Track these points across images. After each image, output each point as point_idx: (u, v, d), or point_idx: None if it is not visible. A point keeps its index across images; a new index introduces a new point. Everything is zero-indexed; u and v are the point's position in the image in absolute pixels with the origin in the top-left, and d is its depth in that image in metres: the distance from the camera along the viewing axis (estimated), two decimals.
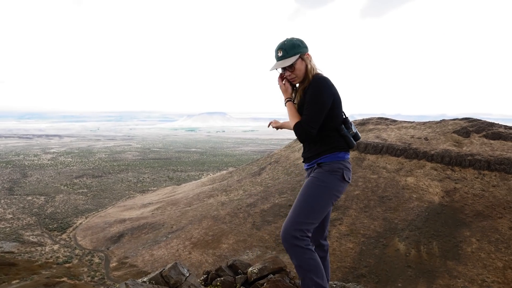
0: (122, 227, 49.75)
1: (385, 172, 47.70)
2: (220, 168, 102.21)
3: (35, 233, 49.68)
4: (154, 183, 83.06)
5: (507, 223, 34.95)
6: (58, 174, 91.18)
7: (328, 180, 3.82)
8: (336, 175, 3.86)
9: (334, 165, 3.88)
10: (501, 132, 48.78)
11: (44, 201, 65.76)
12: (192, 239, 42.60)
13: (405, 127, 58.64)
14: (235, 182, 61.87)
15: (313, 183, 3.79)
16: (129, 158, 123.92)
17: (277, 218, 43.84)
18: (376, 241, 36.42)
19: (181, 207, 55.21)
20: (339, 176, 3.86)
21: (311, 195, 3.75)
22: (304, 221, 3.68)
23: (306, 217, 3.69)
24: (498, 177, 41.65)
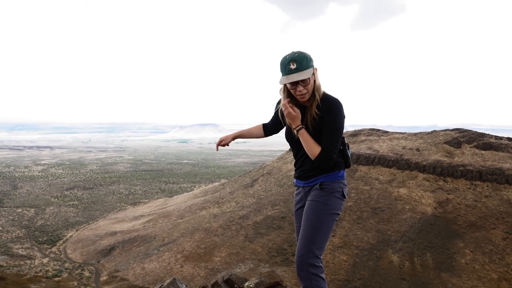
0: (113, 240, 49.15)
1: (378, 183, 47.67)
2: (212, 179, 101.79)
3: (25, 246, 48.93)
4: (145, 195, 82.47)
5: (500, 234, 34.94)
6: (49, 186, 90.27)
7: (332, 202, 3.80)
8: (337, 194, 3.85)
9: (335, 185, 3.85)
10: (492, 142, 49.03)
11: (34, 213, 64.93)
12: (184, 252, 42.14)
13: (396, 138, 58.81)
14: (227, 194, 61.56)
15: (320, 209, 3.75)
16: (121, 170, 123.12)
17: (270, 230, 43.54)
18: (370, 253, 36.22)
19: (173, 219, 54.74)
20: (339, 195, 3.85)
21: (321, 220, 3.72)
22: (318, 247, 3.65)
23: (320, 242, 3.66)
24: (490, 187, 41.76)
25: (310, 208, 3.80)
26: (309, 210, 3.80)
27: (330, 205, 3.79)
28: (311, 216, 3.75)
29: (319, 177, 3.85)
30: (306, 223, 3.75)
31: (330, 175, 3.84)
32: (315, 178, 3.87)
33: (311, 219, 3.74)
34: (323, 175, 3.84)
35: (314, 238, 3.66)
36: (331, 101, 3.64)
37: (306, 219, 3.76)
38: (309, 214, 3.78)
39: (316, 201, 3.80)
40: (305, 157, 3.87)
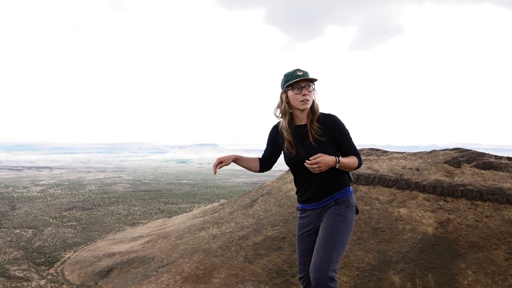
0: (111, 261, 48.67)
1: (378, 203, 47.46)
2: (212, 200, 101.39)
3: (22, 267, 48.43)
4: (144, 216, 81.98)
5: (502, 254, 34.64)
6: (47, 206, 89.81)
7: (349, 215, 3.94)
8: (353, 209, 4.02)
9: (350, 200, 4.03)
10: (492, 162, 48.99)
11: (32, 234, 64.43)
12: (183, 273, 41.69)
13: (396, 157, 58.78)
14: (226, 214, 61.22)
15: (339, 221, 3.86)
16: (120, 190, 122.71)
17: (270, 251, 43.16)
18: (371, 274, 35.84)
19: (172, 240, 54.31)
20: (354, 210, 4.05)
21: (341, 233, 3.80)
22: (336, 260, 3.67)
23: (338, 255, 3.69)
24: (491, 207, 41.56)
25: (329, 221, 3.86)
26: (328, 223, 3.85)
27: (348, 218, 3.92)
28: (331, 228, 3.80)
29: (333, 195, 3.97)
30: (324, 236, 3.77)
31: (342, 191, 4.01)
32: (328, 197, 3.98)
33: (332, 230, 3.79)
34: (336, 192, 3.97)
35: (335, 250, 3.67)
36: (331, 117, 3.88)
37: (326, 231, 3.80)
38: (329, 226, 3.82)
39: (335, 214, 3.88)
40: (311, 179, 3.93)
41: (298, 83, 3.76)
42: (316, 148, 3.81)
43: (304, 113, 3.89)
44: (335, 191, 3.96)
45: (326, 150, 3.80)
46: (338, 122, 3.85)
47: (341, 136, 3.85)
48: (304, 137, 3.88)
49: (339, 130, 3.84)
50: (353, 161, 3.88)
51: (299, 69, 3.79)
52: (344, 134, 3.85)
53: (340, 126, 3.83)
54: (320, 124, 3.83)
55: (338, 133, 3.84)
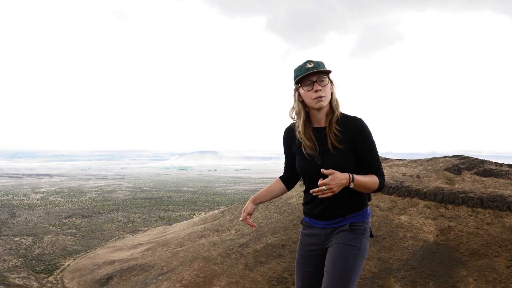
0: (111, 269, 48.50)
1: (378, 210, 47.37)
2: (212, 207, 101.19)
3: (21, 275, 48.24)
4: (144, 223, 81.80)
5: (504, 262, 34.52)
6: (47, 214, 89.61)
7: (364, 245, 3.25)
8: (367, 236, 3.31)
9: (366, 225, 3.32)
10: (492, 169, 48.98)
11: (31, 242, 64.25)
12: (183, 281, 41.53)
13: (396, 164, 58.77)
14: (227, 221, 61.09)
15: (353, 254, 3.16)
16: (120, 198, 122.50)
17: (270, 258, 43.02)
18: (372, 282, 35.71)
19: (172, 247, 54.15)
20: (368, 236, 3.33)
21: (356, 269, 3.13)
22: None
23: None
24: (492, 214, 41.49)
25: (342, 254, 3.18)
26: (340, 256, 3.17)
27: (362, 249, 3.23)
28: (344, 263, 3.13)
29: (348, 217, 3.27)
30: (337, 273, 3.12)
31: (359, 214, 3.29)
32: (342, 218, 3.28)
33: (344, 268, 3.12)
34: (352, 214, 3.27)
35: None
36: (356, 120, 3.21)
37: (338, 267, 3.14)
38: (341, 261, 3.15)
39: (349, 246, 3.19)
40: None
41: (308, 78, 3.11)
42: (333, 157, 3.15)
43: (323, 113, 3.22)
44: (352, 212, 3.27)
45: (345, 160, 3.16)
46: (364, 128, 3.17)
47: (365, 146, 3.17)
48: (322, 142, 3.20)
49: (363, 138, 3.16)
50: (373, 181, 3.16)
51: (310, 60, 3.14)
52: (369, 144, 3.17)
53: (365, 133, 3.16)
54: (341, 127, 3.16)
55: (362, 141, 3.16)
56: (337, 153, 3.14)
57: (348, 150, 3.15)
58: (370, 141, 3.17)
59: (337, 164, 3.12)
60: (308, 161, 3.26)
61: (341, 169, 3.08)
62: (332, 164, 3.11)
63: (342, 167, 3.11)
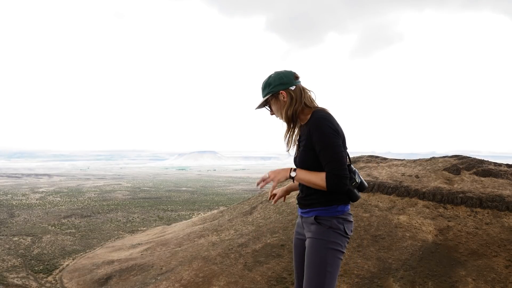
0: (110, 269, 48.49)
1: (377, 210, 47.41)
2: (211, 207, 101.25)
3: (20, 275, 48.20)
4: (143, 223, 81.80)
5: (502, 261, 34.57)
6: (46, 214, 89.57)
7: (333, 238, 3.38)
8: (338, 231, 3.42)
9: (333, 221, 3.43)
10: (491, 169, 49.04)
11: (30, 241, 64.21)
12: (182, 281, 41.54)
13: (395, 164, 58.82)
14: (226, 221, 61.10)
15: (323, 247, 3.34)
16: (119, 198, 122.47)
17: (269, 258, 43.03)
18: (371, 282, 35.73)
19: (171, 247, 54.15)
20: (341, 232, 3.43)
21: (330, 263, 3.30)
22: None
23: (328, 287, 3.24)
24: (491, 214, 41.54)
25: (312, 249, 3.39)
26: (312, 252, 3.38)
27: (333, 241, 3.37)
28: (315, 259, 3.33)
29: (314, 209, 3.47)
30: (311, 269, 3.32)
31: (327, 208, 3.43)
32: (310, 209, 3.51)
33: (316, 262, 3.31)
34: (319, 207, 3.45)
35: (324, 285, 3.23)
36: (313, 118, 3.38)
37: (311, 263, 3.34)
38: (313, 256, 3.35)
39: (317, 239, 3.39)
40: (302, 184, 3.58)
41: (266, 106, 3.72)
42: (300, 154, 3.51)
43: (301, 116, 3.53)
44: (318, 206, 3.45)
45: (304, 157, 3.42)
46: (317, 124, 3.31)
47: (317, 144, 3.30)
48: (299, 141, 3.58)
49: (315, 137, 3.31)
50: (318, 178, 3.28)
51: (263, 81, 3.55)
52: (320, 142, 3.28)
53: (318, 132, 3.29)
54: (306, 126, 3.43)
55: (315, 140, 3.31)
56: (301, 151, 3.50)
57: (307, 147, 3.42)
58: (322, 139, 3.28)
59: (299, 160, 3.51)
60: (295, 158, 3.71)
61: (302, 165, 3.46)
62: (298, 160, 3.55)
63: (302, 163, 3.46)
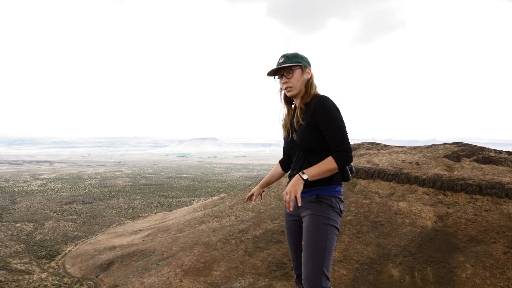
0: (112, 255, 48.89)
1: (377, 197, 47.61)
2: (212, 194, 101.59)
3: (23, 261, 48.65)
4: (145, 209, 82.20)
5: (501, 248, 34.82)
6: (48, 200, 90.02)
7: (332, 216, 3.58)
8: (336, 210, 3.62)
9: (332, 199, 3.62)
10: (492, 156, 49.09)
11: (33, 228, 64.65)
12: (183, 266, 41.91)
13: (396, 151, 58.87)
14: (226, 208, 61.39)
15: (323, 224, 3.53)
16: (120, 184, 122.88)
17: (270, 244, 43.36)
18: (370, 267, 36.04)
19: (172, 233, 54.51)
20: (338, 211, 3.64)
21: (329, 237, 3.51)
22: (328, 267, 3.47)
23: (329, 261, 3.48)
24: (490, 201, 41.70)
25: (312, 225, 3.55)
26: (312, 228, 3.54)
27: (331, 219, 3.55)
28: (316, 234, 3.50)
29: (315, 189, 3.61)
30: (311, 244, 3.49)
31: (327, 188, 3.62)
32: (310, 189, 3.61)
33: (316, 237, 3.48)
34: (319, 187, 3.60)
35: (324, 258, 3.44)
36: (318, 98, 3.58)
37: (311, 239, 3.50)
38: (313, 232, 3.52)
39: (317, 216, 3.55)
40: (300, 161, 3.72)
41: (279, 71, 3.69)
42: (300, 133, 3.63)
43: (299, 98, 3.72)
44: (318, 185, 3.59)
45: (308, 135, 3.57)
46: (322, 104, 3.51)
47: (323, 121, 3.49)
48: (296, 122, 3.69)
49: (321, 114, 3.49)
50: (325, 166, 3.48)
51: (284, 54, 3.69)
52: (326, 118, 3.48)
53: (324, 110, 3.49)
54: (307, 107, 3.60)
55: (321, 118, 3.49)
56: (303, 129, 3.61)
57: (310, 125, 3.57)
58: (329, 117, 3.48)
59: (301, 139, 3.63)
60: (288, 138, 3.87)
61: (303, 142, 3.62)
62: (299, 140, 3.66)
63: (305, 141, 3.61)
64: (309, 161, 3.64)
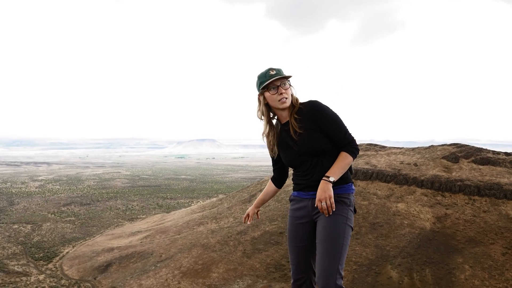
0: (110, 256, 48.78)
1: (376, 198, 47.59)
2: (210, 195, 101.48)
3: (21, 262, 48.49)
4: (143, 211, 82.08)
5: (499, 249, 34.82)
6: (46, 202, 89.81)
7: (350, 216, 3.61)
8: (352, 209, 3.66)
9: (351, 198, 3.67)
10: (490, 157, 49.12)
11: (30, 229, 64.47)
12: (182, 268, 41.83)
13: (394, 153, 58.87)
14: (225, 209, 61.33)
15: (342, 223, 3.53)
16: (118, 186, 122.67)
17: (268, 246, 43.29)
18: (368, 269, 36.00)
19: (170, 235, 54.42)
20: (353, 210, 3.69)
21: (346, 236, 3.51)
22: (342, 264, 3.43)
23: (343, 259, 3.45)
24: (489, 202, 41.73)
25: (332, 223, 3.50)
26: (331, 226, 3.50)
27: (349, 218, 3.58)
28: (334, 233, 3.47)
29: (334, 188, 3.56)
30: (329, 241, 3.45)
31: (344, 186, 3.65)
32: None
33: (335, 235, 3.46)
34: (337, 186, 3.59)
35: (340, 257, 3.41)
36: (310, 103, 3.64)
37: (329, 237, 3.46)
38: (332, 230, 3.48)
39: (337, 215, 3.51)
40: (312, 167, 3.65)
41: (273, 83, 3.59)
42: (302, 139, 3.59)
43: (286, 111, 3.69)
44: (337, 184, 3.57)
45: (312, 139, 3.55)
46: (318, 107, 3.57)
47: (324, 121, 3.54)
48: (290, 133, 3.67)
49: (320, 116, 3.54)
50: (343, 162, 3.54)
51: (272, 68, 3.62)
52: (326, 118, 3.54)
53: (320, 111, 3.56)
54: (301, 115, 3.61)
55: (321, 119, 3.54)
56: (305, 136, 3.58)
57: (312, 130, 3.57)
58: (328, 115, 3.56)
59: (309, 145, 3.59)
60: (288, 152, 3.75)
61: (311, 147, 3.58)
62: (306, 147, 3.60)
63: (314, 146, 3.58)
64: (322, 163, 3.63)
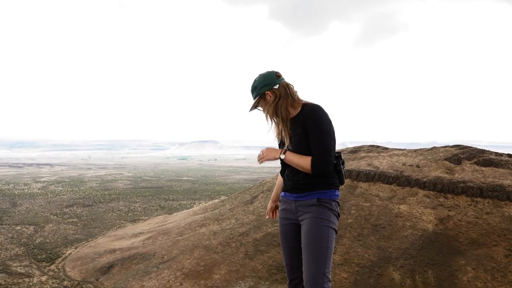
0: (112, 258, 48.81)
1: (378, 200, 47.53)
2: (212, 196, 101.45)
3: (23, 264, 48.56)
4: (145, 212, 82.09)
5: (502, 251, 34.73)
6: (48, 203, 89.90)
7: (332, 219, 3.68)
8: (335, 213, 3.72)
9: (332, 203, 3.71)
10: (492, 158, 49.02)
11: (33, 230, 64.55)
12: (184, 269, 41.82)
13: (396, 154, 58.80)
14: (227, 211, 61.31)
15: (325, 226, 3.62)
16: (120, 187, 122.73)
17: (270, 247, 43.29)
18: (371, 271, 35.96)
19: (172, 236, 54.43)
20: (336, 214, 3.75)
21: (328, 239, 3.59)
22: (328, 267, 3.53)
23: (330, 263, 3.56)
24: (491, 204, 41.63)
25: (314, 227, 3.61)
26: (313, 230, 3.60)
27: (332, 221, 3.65)
28: (317, 236, 3.57)
29: (315, 192, 3.67)
30: (313, 245, 3.56)
31: (327, 192, 3.68)
32: (310, 193, 3.69)
33: (318, 239, 3.56)
34: (319, 190, 3.67)
35: (325, 260, 3.51)
36: (308, 108, 3.65)
37: (313, 241, 3.57)
38: (315, 234, 3.59)
39: (319, 218, 3.62)
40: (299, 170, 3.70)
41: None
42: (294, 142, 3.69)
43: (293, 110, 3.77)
44: (319, 189, 3.67)
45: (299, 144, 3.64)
46: (314, 115, 3.57)
47: (310, 130, 3.56)
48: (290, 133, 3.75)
49: (309, 124, 3.57)
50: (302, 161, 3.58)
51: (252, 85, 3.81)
52: (314, 129, 3.55)
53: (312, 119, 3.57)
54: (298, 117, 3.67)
55: (309, 126, 3.57)
56: (295, 139, 3.67)
57: (301, 135, 3.64)
58: (316, 126, 3.56)
59: (295, 147, 3.68)
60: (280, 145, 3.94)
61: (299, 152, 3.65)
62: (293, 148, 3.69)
63: (299, 150, 3.65)
64: None
